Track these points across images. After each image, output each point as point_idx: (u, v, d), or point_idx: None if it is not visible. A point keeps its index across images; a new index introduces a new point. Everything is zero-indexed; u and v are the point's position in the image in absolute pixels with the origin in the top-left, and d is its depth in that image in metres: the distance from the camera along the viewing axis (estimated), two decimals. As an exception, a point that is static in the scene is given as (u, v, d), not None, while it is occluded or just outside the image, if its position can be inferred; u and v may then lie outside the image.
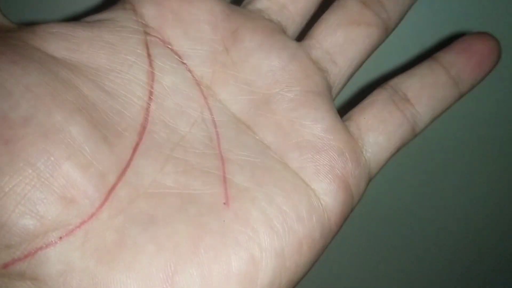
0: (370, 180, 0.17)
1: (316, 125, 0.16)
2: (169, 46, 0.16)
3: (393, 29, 0.18)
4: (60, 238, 0.13)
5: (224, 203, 0.14)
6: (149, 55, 0.16)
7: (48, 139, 0.13)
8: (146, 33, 0.16)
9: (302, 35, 0.19)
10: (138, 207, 0.14)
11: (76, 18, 0.16)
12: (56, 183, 0.13)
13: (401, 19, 0.19)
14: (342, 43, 0.18)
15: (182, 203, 0.14)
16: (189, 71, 0.16)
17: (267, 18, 0.18)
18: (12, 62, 0.14)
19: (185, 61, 0.16)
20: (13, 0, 0.27)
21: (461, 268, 0.35)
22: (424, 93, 0.18)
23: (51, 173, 0.13)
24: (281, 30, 0.18)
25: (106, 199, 0.13)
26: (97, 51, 0.15)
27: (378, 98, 0.18)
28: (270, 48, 0.17)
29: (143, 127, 0.15)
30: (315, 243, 0.15)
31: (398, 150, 0.18)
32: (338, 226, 0.16)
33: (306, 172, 0.16)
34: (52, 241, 0.13)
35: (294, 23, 0.18)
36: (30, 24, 0.16)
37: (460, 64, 0.18)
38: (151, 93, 0.15)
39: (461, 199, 0.32)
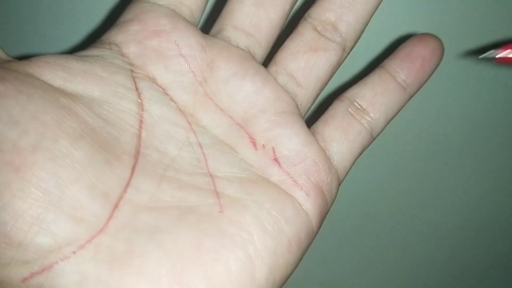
0: (339, 184, 0.19)
1: (292, 141, 0.18)
2: (154, 82, 0.18)
3: (352, 47, 0.20)
4: (74, 252, 0.14)
5: (219, 211, 0.16)
6: (137, 89, 0.17)
7: (56, 164, 0.14)
8: (132, 71, 0.18)
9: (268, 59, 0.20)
10: (141, 219, 0.15)
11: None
12: (66, 204, 0.14)
13: (357, 38, 0.20)
14: (304, 68, 0.20)
15: (181, 213, 0.16)
16: (173, 101, 0.18)
17: (237, 46, 0.19)
18: (17, 90, 0.15)
19: (169, 93, 0.18)
20: (7, 36, 0.27)
21: (459, 268, 0.35)
22: (377, 101, 0.20)
23: (60, 195, 0.14)
24: (252, 56, 0.19)
25: (111, 215, 0.15)
26: (90, 83, 0.16)
27: (337, 110, 0.20)
28: (244, 75, 0.19)
29: (137, 151, 0.16)
30: (301, 242, 0.17)
31: (360, 154, 0.20)
32: (318, 227, 0.18)
33: (287, 184, 0.18)
34: (66, 255, 0.14)
35: (261, 48, 0.20)
36: (26, 57, 0.17)
37: (405, 70, 0.20)
38: (141, 121, 0.17)
39: (458, 197, 0.32)
